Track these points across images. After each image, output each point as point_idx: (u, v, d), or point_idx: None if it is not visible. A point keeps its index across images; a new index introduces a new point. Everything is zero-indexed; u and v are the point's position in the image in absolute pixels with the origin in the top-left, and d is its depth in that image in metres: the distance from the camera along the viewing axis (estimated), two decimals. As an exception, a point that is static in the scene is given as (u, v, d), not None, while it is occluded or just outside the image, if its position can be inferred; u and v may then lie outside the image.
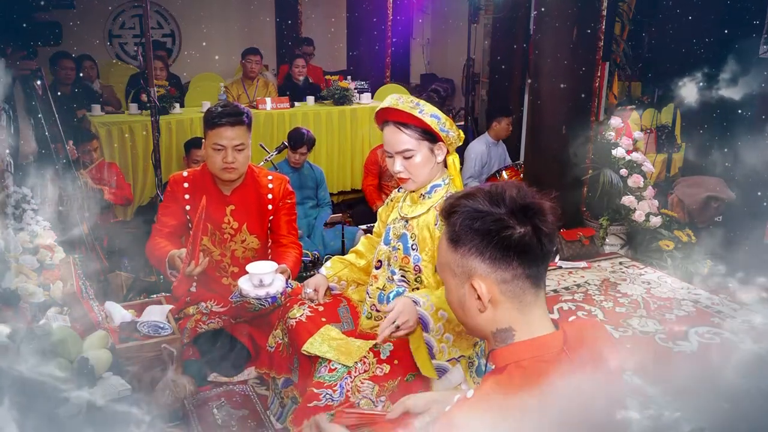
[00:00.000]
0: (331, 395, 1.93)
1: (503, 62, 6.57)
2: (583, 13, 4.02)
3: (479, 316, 1.12)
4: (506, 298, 1.09)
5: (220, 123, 2.36)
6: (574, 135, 4.23)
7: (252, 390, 2.58)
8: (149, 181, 4.75)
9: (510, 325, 1.11)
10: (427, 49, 9.25)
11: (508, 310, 1.10)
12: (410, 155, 1.98)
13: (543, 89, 4.20)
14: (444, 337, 1.86)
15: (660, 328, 3.25)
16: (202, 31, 7.69)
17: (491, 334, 1.13)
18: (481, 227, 1.06)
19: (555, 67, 4.11)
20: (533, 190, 1.12)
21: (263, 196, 2.58)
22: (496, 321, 1.11)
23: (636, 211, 4.20)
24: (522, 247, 1.06)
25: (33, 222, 2.44)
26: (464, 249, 1.09)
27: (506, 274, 1.07)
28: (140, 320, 2.45)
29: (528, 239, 1.05)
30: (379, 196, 4.75)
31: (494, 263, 1.07)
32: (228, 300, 2.57)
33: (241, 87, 5.85)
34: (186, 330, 2.49)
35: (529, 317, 1.10)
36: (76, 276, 2.49)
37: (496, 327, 1.12)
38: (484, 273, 1.08)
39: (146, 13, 3.60)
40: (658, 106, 5.58)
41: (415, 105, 1.95)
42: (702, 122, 5.04)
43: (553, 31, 4.09)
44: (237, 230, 2.56)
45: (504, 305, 1.10)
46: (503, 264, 1.07)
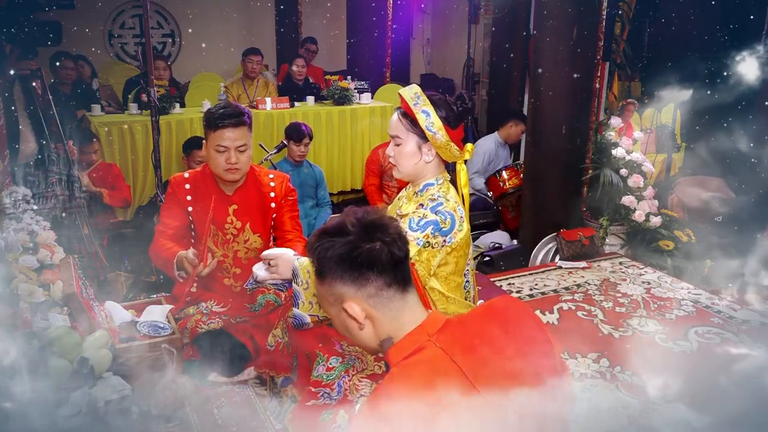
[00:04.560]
0: (329, 394, 1.93)
1: (503, 62, 6.58)
2: (583, 13, 4.02)
3: (361, 334, 1.23)
4: (378, 311, 1.20)
5: (222, 124, 2.36)
6: (574, 135, 4.23)
7: (252, 390, 2.58)
8: (149, 181, 4.75)
9: (388, 334, 1.21)
10: (427, 49, 9.24)
11: (384, 321, 1.20)
12: (399, 143, 2.02)
13: (543, 89, 4.20)
14: (311, 293, 1.89)
15: (660, 328, 3.25)
16: (202, 31, 7.70)
17: (378, 347, 1.25)
18: (333, 254, 1.17)
19: (555, 67, 4.11)
20: (373, 210, 1.24)
21: (265, 195, 2.58)
22: (378, 334, 1.22)
23: (636, 211, 4.20)
24: (373, 261, 1.16)
25: (33, 222, 2.44)
26: (329, 278, 1.20)
27: (370, 288, 1.18)
28: (140, 320, 2.45)
29: (376, 252, 1.16)
30: (380, 196, 4.76)
31: (355, 282, 1.18)
32: (228, 300, 2.57)
33: (241, 87, 5.85)
34: (186, 330, 2.49)
35: (401, 320, 1.21)
36: (76, 276, 2.49)
37: (379, 339, 1.23)
38: (352, 294, 1.19)
39: (146, 13, 3.61)
40: (658, 106, 5.58)
41: (414, 97, 1.97)
42: (702, 122, 5.04)
43: (553, 31, 4.09)
44: (240, 230, 2.56)
45: (379, 318, 1.20)
46: (362, 280, 1.17)
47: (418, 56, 9.18)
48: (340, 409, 1.92)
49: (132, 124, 4.71)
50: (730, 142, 4.29)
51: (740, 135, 4.23)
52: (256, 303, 2.58)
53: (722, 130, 4.61)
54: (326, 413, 1.92)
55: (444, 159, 2.05)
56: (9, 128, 2.87)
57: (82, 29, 6.49)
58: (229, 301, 2.58)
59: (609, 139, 4.42)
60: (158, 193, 3.43)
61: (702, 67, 4.52)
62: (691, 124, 5.39)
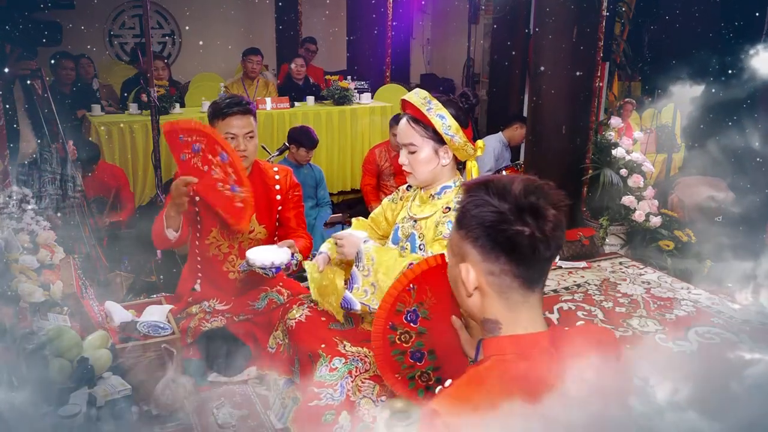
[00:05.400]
0: (332, 394, 1.93)
1: (503, 62, 6.58)
2: (583, 13, 4.02)
3: (468, 300, 1.14)
4: (492, 290, 1.10)
5: (231, 112, 2.39)
6: (574, 135, 4.23)
7: (252, 390, 2.58)
8: (149, 181, 4.74)
9: (496, 317, 1.12)
10: (427, 49, 9.25)
11: (494, 302, 1.11)
12: (413, 150, 1.97)
13: (543, 89, 4.20)
14: (370, 281, 1.87)
15: (660, 328, 3.25)
16: (201, 31, 7.69)
17: (480, 322, 1.15)
18: (478, 214, 1.07)
19: (555, 67, 4.11)
20: (550, 191, 1.10)
21: (271, 188, 2.60)
22: (484, 310, 1.13)
23: (636, 211, 4.20)
24: (512, 246, 1.05)
25: (33, 222, 2.44)
26: (463, 232, 1.10)
27: (494, 267, 1.08)
28: (140, 320, 2.45)
29: (521, 239, 1.04)
30: (377, 196, 4.75)
31: (484, 253, 1.08)
32: (230, 297, 2.59)
33: (241, 87, 5.85)
34: (189, 329, 2.50)
35: (516, 315, 1.11)
36: (76, 276, 2.49)
37: (483, 315, 1.13)
38: (475, 260, 1.09)
39: (146, 13, 3.61)
40: (658, 106, 5.58)
41: (425, 102, 1.93)
42: (702, 122, 5.04)
43: (553, 31, 4.09)
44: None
45: (490, 297, 1.11)
46: (491, 256, 1.07)
47: (418, 56, 9.19)
48: (343, 410, 1.92)
49: (132, 124, 4.71)
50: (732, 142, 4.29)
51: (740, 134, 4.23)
52: (258, 301, 2.59)
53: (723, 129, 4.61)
54: (329, 414, 1.92)
55: (459, 159, 2.04)
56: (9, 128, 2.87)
57: (82, 29, 6.49)
58: (232, 299, 2.59)
59: (609, 139, 4.42)
60: (158, 193, 3.43)
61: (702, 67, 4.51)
62: (691, 123, 5.38)
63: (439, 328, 1.54)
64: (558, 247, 1.09)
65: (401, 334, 1.55)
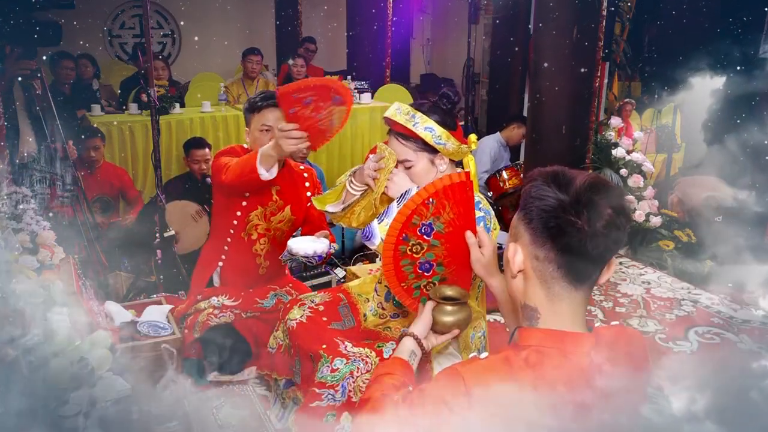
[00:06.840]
0: (333, 395, 1.93)
1: (503, 62, 6.57)
2: (583, 13, 4.02)
3: (512, 281, 1.16)
4: (536, 276, 1.11)
5: (265, 105, 2.48)
6: (574, 135, 4.22)
7: (252, 390, 2.58)
8: (149, 181, 4.74)
9: (536, 305, 1.13)
10: (427, 49, 9.24)
11: (536, 289, 1.12)
12: (410, 165, 1.96)
13: (543, 89, 4.20)
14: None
15: (660, 328, 3.25)
16: (201, 30, 7.69)
17: (520, 307, 1.16)
18: (536, 196, 1.09)
19: (555, 67, 4.11)
20: (614, 193, 1.08)
21: (301, 184, 2.70)
22: (526, 295, 1.14)
23: (636, 211, 4.20)
24: (561, 234, 1.06)
25: (33, 222, 2.44)
26: (522, 213, 1.13)
27: (539, 252, 1.09)
28: (140, 320, 2.45)
29: (570, 229, 1.05)
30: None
31: (534, 236, 1.10)
32: (240, 293, 2.64)
33: (242, 87, 5.85)
34: (197, 324, 2.52)
35: (557, 308, 1.11)
36: (76, 276, 2.49)
37: (524, 300, 1.15)
38: (525, 242, 1.12)
39: (146, 13, 3.60)
40: (658, 106, 5.58)
41: (410, 117, 1.92)
42: (702, 122, 5.04)
43: (553, 31, 4.09)
44: (280, 209, 2.64)
45: (533, 282, 1.12)
46: (539, 241, 1.09)
47: (418, 56, 9.18)
48: (344, 411, 1.92)
49: (132, 124, 4.71)
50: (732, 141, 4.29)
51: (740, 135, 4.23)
52: (266, 299, 2.62)
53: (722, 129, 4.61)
54: (330, 415, 1.92)
55: (454, 160, 2.04)
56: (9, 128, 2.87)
57: (82, 29, 6.48)
58: (241, 295, 2.63)
59: (609, 139, 4.42)
60: (158, 193, 3.42)
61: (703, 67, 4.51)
62: (691, 124, 5.39)
63: (452, 242, 1.55)
64: (609, 249, 1.08)
65: (413, 245, 1.56)
